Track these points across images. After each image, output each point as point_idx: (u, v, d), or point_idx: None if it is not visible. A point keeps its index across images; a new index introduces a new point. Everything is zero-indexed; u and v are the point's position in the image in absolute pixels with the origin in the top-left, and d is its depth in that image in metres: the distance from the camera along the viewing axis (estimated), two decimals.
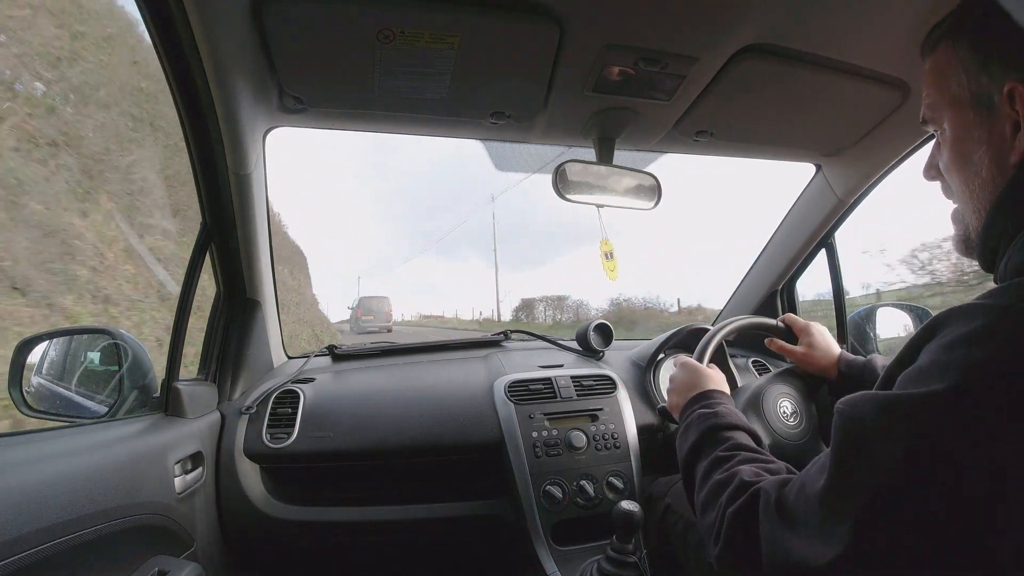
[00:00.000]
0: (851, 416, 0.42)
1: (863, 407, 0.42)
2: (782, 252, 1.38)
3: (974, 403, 0.36)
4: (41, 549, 0.56)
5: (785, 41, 0.75)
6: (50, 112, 3.89)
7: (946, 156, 0.49)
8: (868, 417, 0.41)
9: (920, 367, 0.40)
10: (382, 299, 19.82)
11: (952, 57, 0.47)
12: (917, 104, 0.90)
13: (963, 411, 0.36)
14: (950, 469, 0.36)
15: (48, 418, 0.95)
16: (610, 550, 0.80)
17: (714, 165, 7.06)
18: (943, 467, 0.36)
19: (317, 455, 1.02)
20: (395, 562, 1.19)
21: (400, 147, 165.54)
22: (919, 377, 0.39)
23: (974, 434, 0.35)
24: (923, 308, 1.33)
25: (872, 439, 0.40)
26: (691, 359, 0.86)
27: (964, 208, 0.49)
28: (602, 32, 0.72)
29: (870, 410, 0.41)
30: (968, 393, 0.36)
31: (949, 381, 0.37)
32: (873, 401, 0.41)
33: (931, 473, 0.36)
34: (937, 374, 0.38)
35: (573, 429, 1.06)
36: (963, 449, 0.36)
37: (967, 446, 0.36)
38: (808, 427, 0.91)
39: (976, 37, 0.46)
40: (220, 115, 0.78)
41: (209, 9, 0.62)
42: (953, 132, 0.48)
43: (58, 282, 3.31)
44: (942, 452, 0.36)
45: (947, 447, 0.36)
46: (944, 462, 0.36)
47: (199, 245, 0.96)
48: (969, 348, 0.37)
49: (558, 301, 22.10)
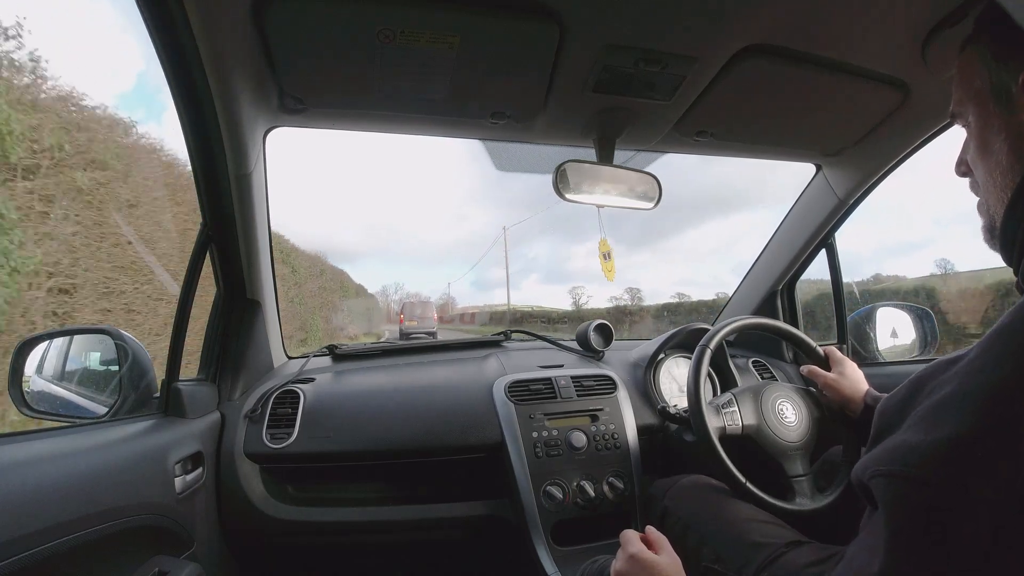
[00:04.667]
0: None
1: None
2: (782, 252, 1.38)
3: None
4: (41, 549, 0.56)
5: (785, 41, 0.75)
6: None
7: (972, 148, 0.51)
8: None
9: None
10: (426, 303, 19.75)
11: (976, 55, 0.49)
12: (917, 104, 0.92)
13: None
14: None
15: (48, 418, 0.95)
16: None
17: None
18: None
19: (317, 455, 1.02)
20: (395, 562, 1.19)
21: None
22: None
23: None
24: (923, 308, 1.33)
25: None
26: (641, 553, 0.59)
27: (989, 199, 0.49)
28: (602, 32, 0.72)
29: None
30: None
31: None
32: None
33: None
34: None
35: (573, 429, 1.06)
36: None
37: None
38: (803, 435, 0.91)
39: (996, 33, 0.47)
40: (220, 115, 0.78)
41: (209, 9, 0.62)
42: (976, 123, 0.49)
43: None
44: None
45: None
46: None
47: (199, 245, 0.96)
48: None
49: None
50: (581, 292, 30.12)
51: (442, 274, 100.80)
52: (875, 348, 1.32)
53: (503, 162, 1.17)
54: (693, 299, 18.17)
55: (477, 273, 65.37)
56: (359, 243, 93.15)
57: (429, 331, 17.10)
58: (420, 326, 17.22)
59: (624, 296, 23.04)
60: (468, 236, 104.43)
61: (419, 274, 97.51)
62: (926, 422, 0.38)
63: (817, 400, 0.97)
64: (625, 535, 0.62)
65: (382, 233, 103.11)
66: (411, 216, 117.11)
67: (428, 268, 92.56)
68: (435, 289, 74.19)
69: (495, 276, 54.07)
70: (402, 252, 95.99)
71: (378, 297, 41.39)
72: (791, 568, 0.65)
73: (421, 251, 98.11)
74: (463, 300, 45.55)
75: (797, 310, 1.45)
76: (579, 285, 31.74)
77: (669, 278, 56.13)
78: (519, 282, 74.84)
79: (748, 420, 0.89)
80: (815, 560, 0.64)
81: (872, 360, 1.31)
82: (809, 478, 0.89)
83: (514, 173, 1.20)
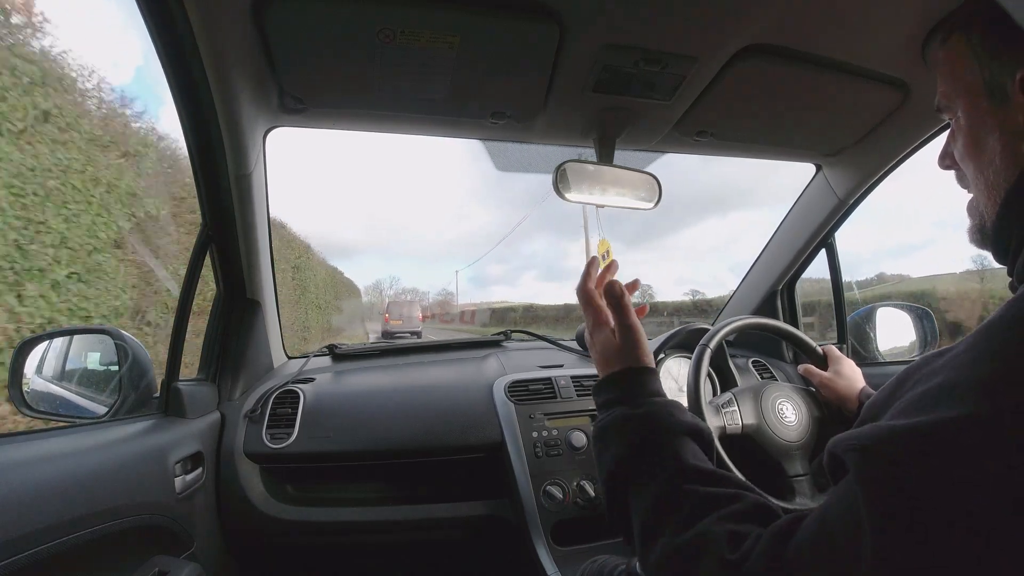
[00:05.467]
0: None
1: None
2: (782, 252, 1.38)
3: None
4: (41, 549, 0.56)
5: (785, 41, 0.75)
6: None
7: (961, 144, 0.49)
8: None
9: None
10: (411, 303, 19.74)
11: (965, 45, 0.47)
12: (917, 104, 0.91)
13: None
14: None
15: (48, 418, 0.95)
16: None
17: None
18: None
19: (317, 455, 1.02)
20: (395, 562, 1.19)
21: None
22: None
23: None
24: (924, 308, 1.33)
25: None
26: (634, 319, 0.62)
27: (979, 198, 0.48)
28: (602, 32, 0.72)
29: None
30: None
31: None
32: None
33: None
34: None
35: (573, 429, 1.06)
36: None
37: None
38: (802, 434, 0.91)
39: (988, 26, 0.46)
40: (220, 115, 0.78)
41: (209, 9, 0.62)
42: (967, 120, 0.48)
43: None
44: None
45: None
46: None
47: (199, 245, 0.96)
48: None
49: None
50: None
51: (440, 271, 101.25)
52: (875, 348, 1.32)
53: (503, 162, 1.17)
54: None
55: (476, 270, 65.43)
56: (358, 239, 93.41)
57: (414, 330, 17.13)
58: (405, 326, 17.24)
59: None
60: (467, 235, 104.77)
61: (417, 271, 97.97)
62: (910, 408, 0.37)
63: (818, 400, 0.97)
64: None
65: (381, 230, 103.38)
66: (411, 213, 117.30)
67: (427, 265, 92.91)
68: (433, 285, 74.33)
69: (494, 272, 53.96)
70: (401, 250, 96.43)
71: (372, 292, 40.87)
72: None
73: (420, 248, 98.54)
74: (464, 297, 45.32)
75: (797, 310, 1.45)
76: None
77: (669, 276, 56.28)
78: (516, 278, 75.05)
79: (748, 420, 0.89)
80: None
81: (872, 360, 1.31)
82: (809, 478, 0.89)
83: (516, 173, 1.20)
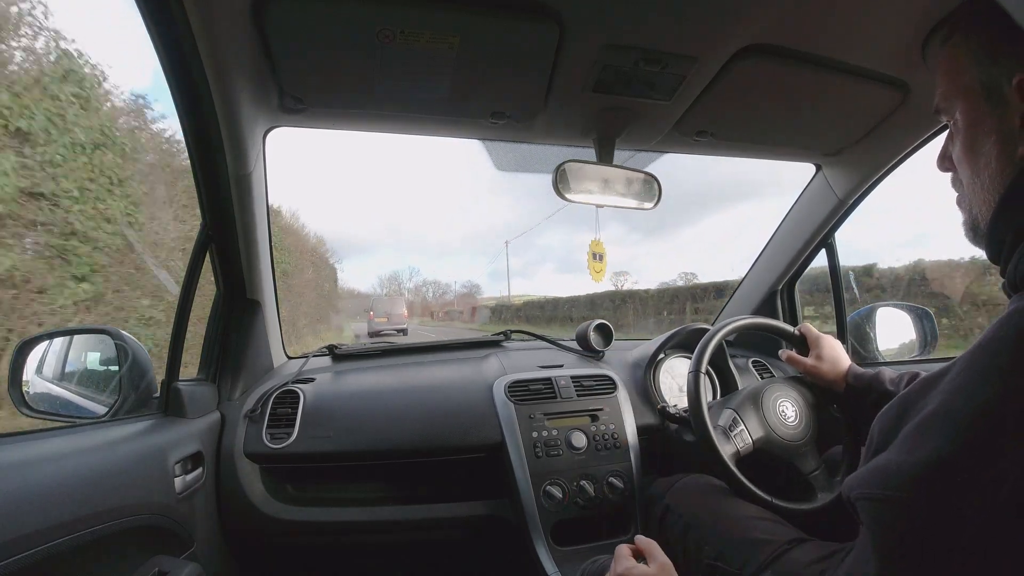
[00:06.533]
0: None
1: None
2: (782, 252, 1.38)
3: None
4: (41, 549, 0.56)
5: (785, 41, 0.75)
6: None
7: (958, 146, 0.49)
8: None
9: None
10: (396, 299, 19.18)
11: (965, 47, 0.47)
12: (917, 104, 0.91)
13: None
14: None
15: (48, 418, 0.95)
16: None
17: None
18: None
19: (317, 455, 1.02)
20: (395, 562, 1.19)
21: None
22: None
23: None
24: (923, 308, 1.33)
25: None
26: (630, 571, 0.63)
27: (974, 198, 0.49)
28: (602, 32, 0.72)
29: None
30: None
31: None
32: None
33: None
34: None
35: (573, 429, 1.06)
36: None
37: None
38: (807, 429, 0.91)
39: (987, 29, 0.46)
40: (220, 115, 0.78)
41: (209, 9, 0.62)
42: (965, 122, 0.48)
43: None
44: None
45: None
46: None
47: (199, 245, 0.96)
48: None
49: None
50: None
51: (454, 264, 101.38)
52: (875, 348, 1.32)
53: (503, 162, 1.17)
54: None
55: (496, 264, 65.27)
56: (368, 236, 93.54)
57: (399, 327, 16.57)
58: (390, 323, 16.60)
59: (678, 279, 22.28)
60: (479, 230, 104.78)
61: (433, 264, 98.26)
62: (910, 441, 0.38)
63: (810, 386, 0.97)
64: (618, 551, 0.65)
65: (398, 227, 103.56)
66: (430, 206, 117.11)
67: (449, 257, 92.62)
68: (455, 277, 74.30)
69: (513, 265, 53.71)
70: (418, 244, 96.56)
71: (388, 285, 40.14)
72: (794, 565, 0.65)
73: (443, 242, 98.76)
74: (487, 292, 44.90)
75: (797, 310, 1.45)
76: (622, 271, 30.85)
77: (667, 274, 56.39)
78: (534, 272, 75.31)
79: (756, 434, 0.88)
80: (817, 557, 0.64)
81: (872, 360, 1.31)
82: (823, 471, 0.89)
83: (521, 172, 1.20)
